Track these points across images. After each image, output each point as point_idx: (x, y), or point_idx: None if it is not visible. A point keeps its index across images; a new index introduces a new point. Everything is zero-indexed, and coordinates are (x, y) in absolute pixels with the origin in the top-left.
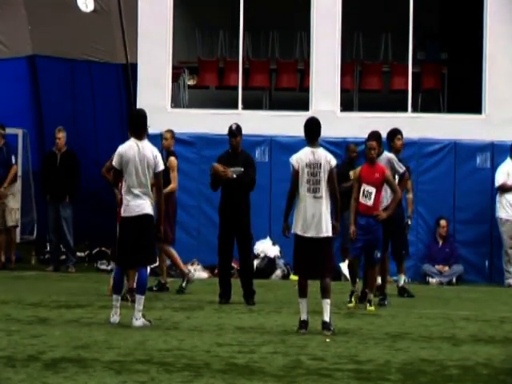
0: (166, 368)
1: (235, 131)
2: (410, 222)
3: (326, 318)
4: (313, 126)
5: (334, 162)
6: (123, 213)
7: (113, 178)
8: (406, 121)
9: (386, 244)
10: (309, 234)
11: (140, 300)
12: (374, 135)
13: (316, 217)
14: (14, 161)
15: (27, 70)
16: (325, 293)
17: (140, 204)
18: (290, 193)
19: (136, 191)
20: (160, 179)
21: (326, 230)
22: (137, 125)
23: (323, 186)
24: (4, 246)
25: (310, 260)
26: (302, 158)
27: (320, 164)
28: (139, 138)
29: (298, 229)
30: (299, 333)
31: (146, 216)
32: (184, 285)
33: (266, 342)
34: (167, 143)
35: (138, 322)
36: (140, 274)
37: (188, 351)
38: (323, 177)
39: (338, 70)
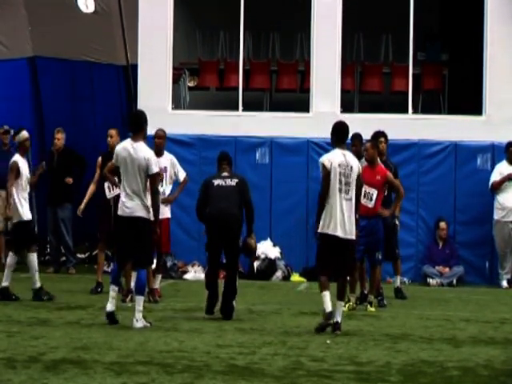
0: (167, 369)
1: None
2: (397, 222)
3: (339, 319)
4: (344, 129)
5: (361, 168)
6: (118, 211)
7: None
8: (406, 122)
9: None
10: (337, 233)
11: (139, 301)
12: (359, 136)
13: (345, 218)
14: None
15: (28, 70)
16: (342, 295)
17: (132, 206)
18: (323, 194)
19: (129, 192)
20: (153, 182)
21: (351, 233)
22: (132, 126)
23: (353, 188)
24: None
25: (335, 260)
26: (333, 158)
27: (351, 167)
28: (134, 139)
29: (326, 228)
30: (328, 323)
31: (138, 219)
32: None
33: (267, 343)
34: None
35: (139, 323)
36: (138, 274)
37: (188, 352)
38: (353, 179)
39: (338, 71)
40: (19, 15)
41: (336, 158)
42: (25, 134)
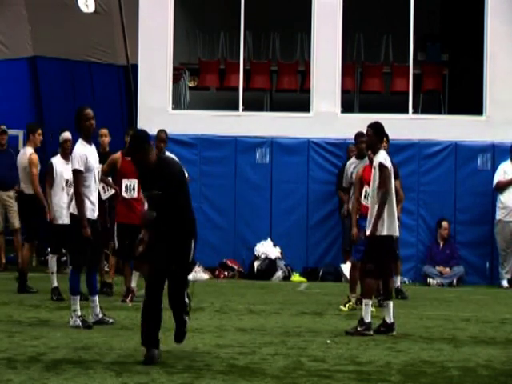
0: (167, 369)
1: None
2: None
3: (389, 319)
4: (384, 128)
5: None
6: None
7: None
8: (406, 122)
9: None
10: (397, 234)
11: (72, 300)
12: (363, 135)
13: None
14: None
15: (28, 70)
16: (390, 294)
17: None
18: (387, 196)
19: None
20: (73, 178)
21: None
22: None
23: None
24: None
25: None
26: (388, 160)
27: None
28: None
29: (391, 230)
30: (363, 334)
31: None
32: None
33: (267, 343)
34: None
35: (71, 322)
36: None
37: (189, 352)
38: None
39: (338, 72)
40: (19, 15)
41: (389, 160)
42: (65, 135)
